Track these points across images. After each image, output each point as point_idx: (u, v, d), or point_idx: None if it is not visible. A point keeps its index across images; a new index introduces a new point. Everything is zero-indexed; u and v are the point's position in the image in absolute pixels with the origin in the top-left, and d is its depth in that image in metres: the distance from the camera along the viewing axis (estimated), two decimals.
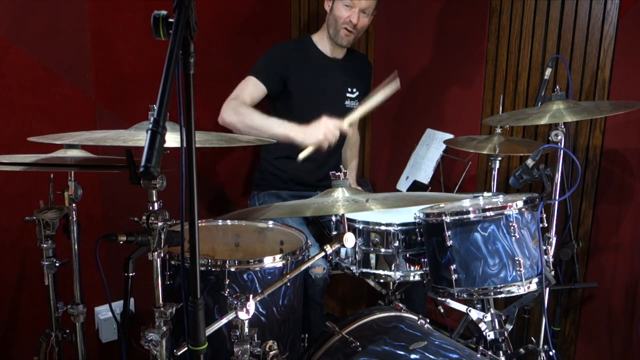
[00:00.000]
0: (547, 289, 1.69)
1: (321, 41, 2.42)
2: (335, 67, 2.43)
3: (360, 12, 2.25)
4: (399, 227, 1.77)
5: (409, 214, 1.78)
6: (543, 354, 1.83)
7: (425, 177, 2.38)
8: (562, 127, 1.69)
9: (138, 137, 1.25)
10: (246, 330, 1.25)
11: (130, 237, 1.21)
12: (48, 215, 1.59)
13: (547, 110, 1.69)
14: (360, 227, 1.81)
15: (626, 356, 2.10)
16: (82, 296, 1.66)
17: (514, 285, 1.57)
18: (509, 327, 1.76)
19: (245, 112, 2.14)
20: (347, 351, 1.45)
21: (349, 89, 2.46)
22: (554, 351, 1.85)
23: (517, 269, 1.57)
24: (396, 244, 1.76)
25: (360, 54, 2.74)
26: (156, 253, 1.23)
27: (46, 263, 1.62)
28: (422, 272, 1.78)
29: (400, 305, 1.74)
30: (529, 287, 1.58)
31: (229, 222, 1.91)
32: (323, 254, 1.40)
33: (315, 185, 2.43)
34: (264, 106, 2.29)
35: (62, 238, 1.62)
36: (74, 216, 1.58)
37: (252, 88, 2.27)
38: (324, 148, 2.02)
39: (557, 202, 1.73)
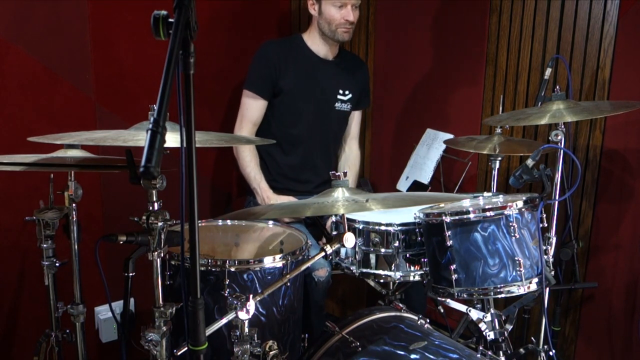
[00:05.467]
0: (547, 289, 1.69)
1: (311, 41, 2.35)
2: (326, 68, 2.36)
3: (352, 7, 2.22)
4: (399, 227, 1.76)
5: (409, 214, 1.78)
6: (543, 354, 1.83)
7: (425, 177, 2.38)
8: (562, 127, 1.69)
9: (138, 137, 1.25)
10: (246, 330, 1.26)
11: (130, 237, 1.21)
12: (48, 215, 1.58)
13: (547, 110, 1.69)
14: (360, 227, 1.81)
15: (626, 356, 2.10)
16: (82, 296, 1.66)
17: (514, 285, 1.57)
18: (509, 327, 1.76)
19: (241, 157, 2.33)
20: (347, 351, 1.46)
21: (340, 91, 2.39)
22: (554, 351, 1.85)
23: (517, 269, 1.57)
24: (396, 244, 1.76)
25: (353, 55, 2.66)
26: (156, 253, 1.23)
27: (46, 263, 1.62)
28: (422, 272, 1.77)
29: (400, 305, 1.74)
30: (529, 287, 1.58)
31: (229, 222, 1.91)
32: (323, 254, 1.40)
33: (309, 191, 2.38)
34: None
35: (62, 238, 1.62)
36: (74, 216, 1.58)
37: (252, 107, 2.32)
38: None
39: (557, 202, 1.73)
